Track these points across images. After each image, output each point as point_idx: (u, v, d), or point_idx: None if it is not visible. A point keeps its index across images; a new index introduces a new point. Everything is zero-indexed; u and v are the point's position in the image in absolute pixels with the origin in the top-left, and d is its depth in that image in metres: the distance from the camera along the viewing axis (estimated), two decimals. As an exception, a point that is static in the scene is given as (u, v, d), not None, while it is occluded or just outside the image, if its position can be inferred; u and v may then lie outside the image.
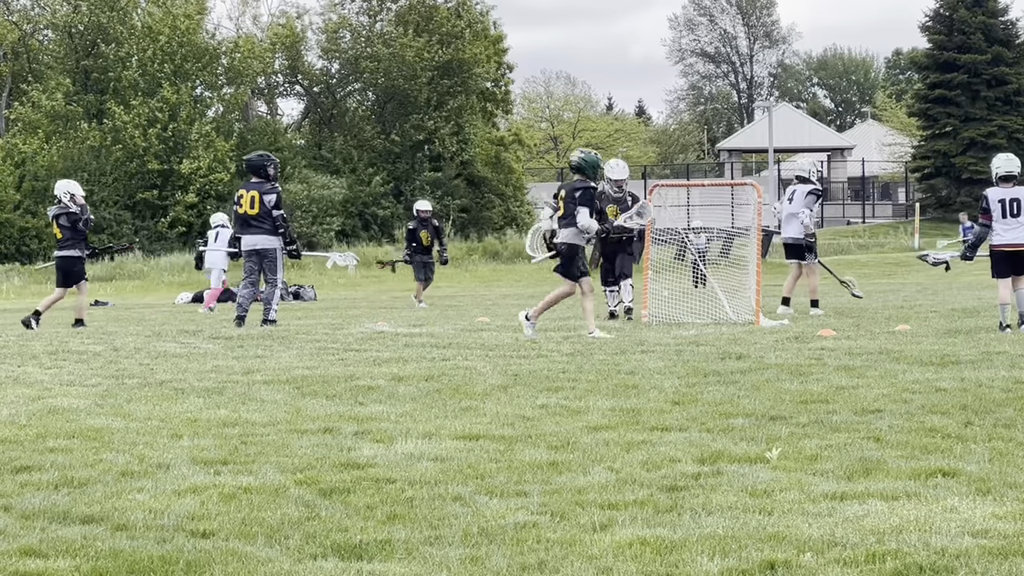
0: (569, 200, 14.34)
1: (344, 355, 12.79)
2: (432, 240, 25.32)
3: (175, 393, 9.92)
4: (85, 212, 18.64)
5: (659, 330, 15.29)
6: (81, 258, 18.71)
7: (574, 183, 14.54)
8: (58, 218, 18.53)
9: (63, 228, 18.49)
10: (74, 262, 18.65)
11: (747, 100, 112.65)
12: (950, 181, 62.83)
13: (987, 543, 5.02)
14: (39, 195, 47.93)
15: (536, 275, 40.99)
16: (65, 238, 18.54)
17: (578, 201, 14.25)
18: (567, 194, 14.44)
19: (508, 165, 58.01)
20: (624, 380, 10.17)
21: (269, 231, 17.32)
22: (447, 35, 55.11)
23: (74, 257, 18.63)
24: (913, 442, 7.20)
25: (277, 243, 17.41)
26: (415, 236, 25.25)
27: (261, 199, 17.29)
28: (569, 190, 14.45)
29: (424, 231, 25.20)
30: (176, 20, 51.32)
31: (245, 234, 17.49)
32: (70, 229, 18.48)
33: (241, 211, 17.43)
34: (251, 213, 17.33)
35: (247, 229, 17.44)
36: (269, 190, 17.35)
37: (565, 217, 14.40)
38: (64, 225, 18.47)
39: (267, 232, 17.34)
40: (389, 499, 6.01)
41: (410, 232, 25.53)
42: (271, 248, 17.37)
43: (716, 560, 4.87)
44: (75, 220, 18.46)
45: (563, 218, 14.45)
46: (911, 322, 15.64)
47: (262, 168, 17.50)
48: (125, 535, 5.41)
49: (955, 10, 63.82)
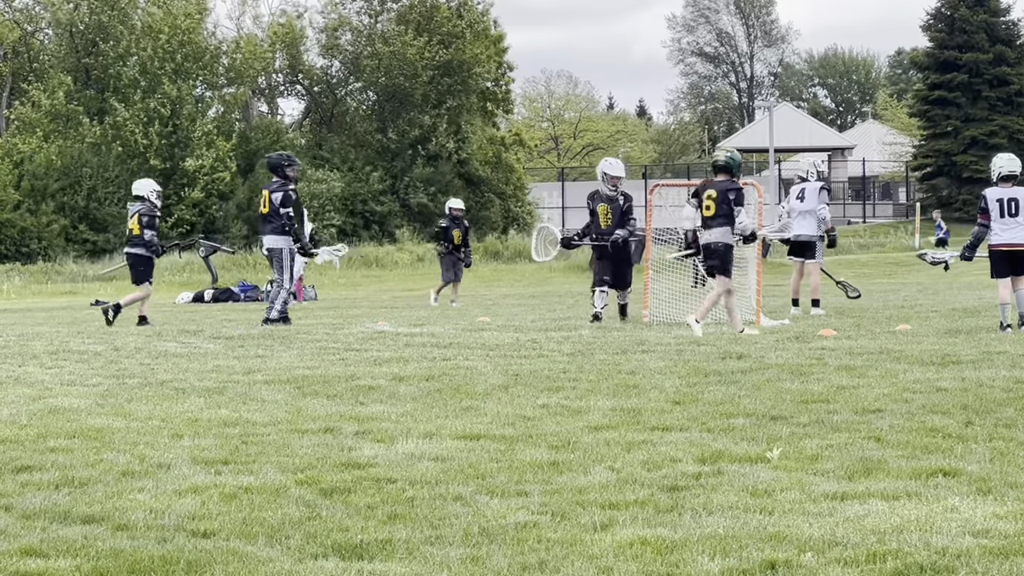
0: (722, 201, 14.49)
1: (345, 355, 12.79)
2: (463, 239, 25.07)
3: (176, 393, 9.92)
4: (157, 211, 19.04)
5: (660, 330, 15.29)
6: (150, 258, 18.98)
7: (725, 183, 14.64)
8: (140, 215, 18.78)
9: (142, 226, 18.74)
10: (143, 260, 18.91)
11: (747, 100, 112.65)
12: (951, 181, 62.80)
13: (988, 543, 5.02)
14: (38, 194, 47.90)
15: (536, 275, 41.02)
16: (140, 235, 18.79)
17: (734, 202, 14.52)
18: (719, 195, 14.52)
19: (509, 165, 57.99)
20: (625, 380, 10.17)
21: (278, 230, 17.53)
22: (448, 35, 55.10)
23: (145, 256, 18.90)
24: (914, 442, 7.20)
25: (284, 243, 17.54)
26: (448, 234, 24.87)
27: (270, 198, 17.52)
28: (721, 191, 14.54)
29: (456, 230, 24.91)
30: (176, 20, 51.31)
31: (262, 233, 18.05)
32: (143, 227, 18.73)
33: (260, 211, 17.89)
34: (263, 212, 17.73)
35: (262, 228, 17.98)
36: (277, 188, 17.55)
37: (717, 217, 14.53)
38: (144, 224, 18.73)
39: (276, 232, 17.56)
40: (390, 499, 6.02)
41: (443, 230, 25.16)
42: (278, 248, 17.55)
43: (717, 560, 4.87)
44: (153, 219, 18.81)
45: (714, 218, 14.56)
46: (912, 322, 15.63)
47: (279, 167, 17.80)
48: (126, 535, 5.42)
49: (956, 9, 63.78)
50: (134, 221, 18.93)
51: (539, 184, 68.28)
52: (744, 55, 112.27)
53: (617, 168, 17.58)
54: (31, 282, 41.04)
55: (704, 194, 14.69)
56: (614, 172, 17.44)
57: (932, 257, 17.59)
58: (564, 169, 75.38)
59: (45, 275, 42.60)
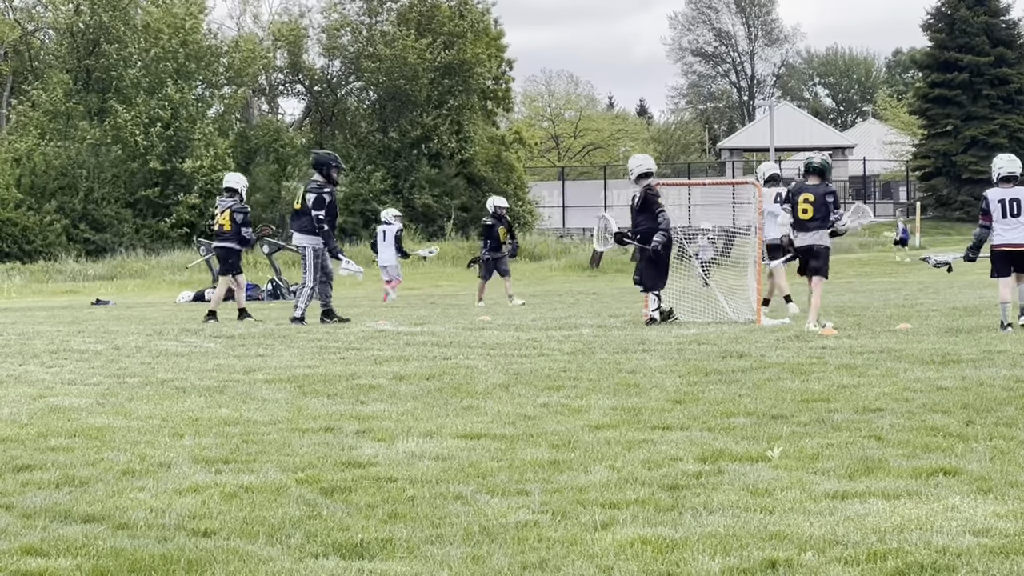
0: (820, 204, 14.97)
1: (345, 354, 12.79)
2: (508, 236, 24.87)
3: (176, 392, 9.92)
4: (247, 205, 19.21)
5: (660, 329, 15.29)
6: (239, 251, 19.10)
7: (822, 187, 15.11)
8: (233, 212, 18.86)
9: (233, 221, 18.84)
10: (232, 253, 19.00)
11: (748, 99, 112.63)
12: (951, 180, 62.81)
13: (988, 542, 5.02)
14: (38, 193, 47.88)
15: (537, 274, 41.06)
16: (231, 230, 18.86)
17: (831, 205, 15.04)
18: (817, 198, 14.99)
19: (509, 164, 57.98)
20: (625, 379, 10.17)
21: (306, 229, 17.56)
22: (449, 35, 55.09)
23: (235, 249, 19.00)
24: (914, 441, 7.20)
25: (310, 242, 17.56)
26: (493, 232, 24.53)
27: (305, 196, 17.61)
28: (819, 195, 15.01)
29: (501, 227, 24.67)
30: (176, 19, 51.31)
31: (292, 229, 18.05)
32: (238, 223, 18.82)
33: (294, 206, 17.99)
34: (295, 208, 17.83)
35: (292, 224, 18.03)
36: (313, 189, 17.58)
37: (815, 219, 14.99)
38: (235, 219, 18.83)
39: (303, 230, 17.59)
40: (390, 498, 6.02)
41: (487, 228, 24.82)
42: (303, 246, 17.61)
43: (717, 559, 4.87)
44: (247, 214, 18.94)
45: (812, 220, 15.00)
46: (912, 321, 15.63)
47: (325, 166, 17.74)
48: (126, 534, 5.42)
49: (956, 9, 63.75)
50: (225, 216, 18.94)
51: (539, 183, 68.25)
52: (744, 54, 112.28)
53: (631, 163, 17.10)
54: (32, 281, 41.03)
55: (800, 198, 15.11)
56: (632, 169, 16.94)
57: (935, 260, 17.62)
58: (564, 168, 75.37)
59: (46, 274, 42.57)
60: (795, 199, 15.20)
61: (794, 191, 15.34)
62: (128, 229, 48.60)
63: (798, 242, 15.21)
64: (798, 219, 15.11)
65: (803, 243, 15.15)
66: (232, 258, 19.00)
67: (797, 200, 15.14)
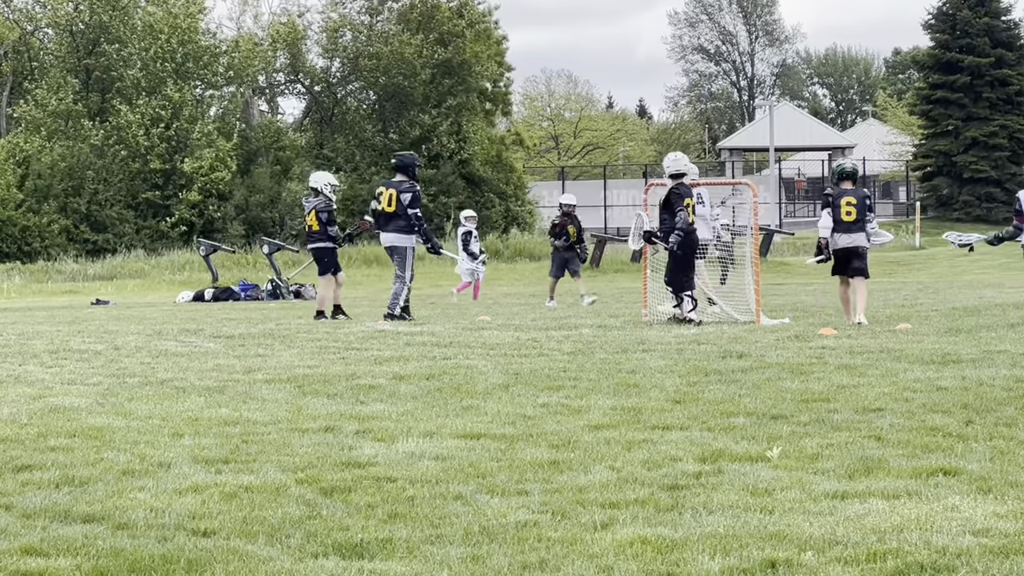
0: (862, 207, 15.75)
1: (345, 354, 12.79)
2: (578, 235, 24.38)
3: (176, 392, 9.92)
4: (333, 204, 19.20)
5: (660, 329, 15.29)
6: (334, 249, 19.08)
7: (860, 191, 15.98)
8: (318, 211, 18.87)
9: (319, 220, 18.85)
10: (327, 252, 19.01)
11: (748, 99, 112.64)
12: (951, 180, 62.81)
13: (988, 542, 5.02)
14: (41, 194, 47.88)
15: (536, 274, 41.00)
16: (320, 230, 18.87)
17: (869, 208, 15.96)
18: (859, 201, 15.73)
19: (509, 164, 57.96)
20: (625, 379, 10.17)
21: (403, 229, 17.63)
22: (448, 34, 55.10)
23: (328, 248, 19.00)
24: (914, 441, 7.21)
25: (409, 241, 17.70)
26: (565, 230, 23.74)
27: (398, 197, 17.60)
28: (860, 198, 15.81)
29: (571, 225, 24.18)
30: (176, 19, 51.30)
31: (382, 231, 18.00)
32: (326, 222, 18.85)
33: (379, 208, 17.89)
34: (388, 210, 17.73)
35: (384, 226, 17.91)
36: (407, 188, 17.65)
37: (858, 221, 15.70)
38: (320, 218, 18.84)
39: (400, 230, 17.65)
40: (390, 498, 6.02)
41: (557, 226, 24.10)
42: (403, 246, 17.69)
43: (717, 559, 4.87)
44: (332, 213, 18.97)
45: (856, 222, 15.68)
46: (912, 321, 15.64)
47: (411, 167, 17.90)
48: (126, 534, 5.42)
49: (959, 10, 63.75)
50: (312, 217, 18.95)
51: (539, 183, 68.19)
52: (745, 54, 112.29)
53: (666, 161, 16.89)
54: (31, 281, 41.02)
55: (843, 201, 15.73)
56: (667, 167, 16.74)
57: (959, 239, 18.02)
58: (564, 168, 75.33)
59: (46, 274, 42.57)
60: (837, 203, 15.77)
61: (835, 195, 15.90)
62: (129, 230, 48.60)
63: (842, 243, 15.74)
64: (842, 222, 15.71)
65: (848, 244, 15.74)
66: (328, 257, 18.97)
67: (840, 203, 15.74)
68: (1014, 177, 60.83)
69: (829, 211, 15.85)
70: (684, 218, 16.10)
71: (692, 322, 15.96)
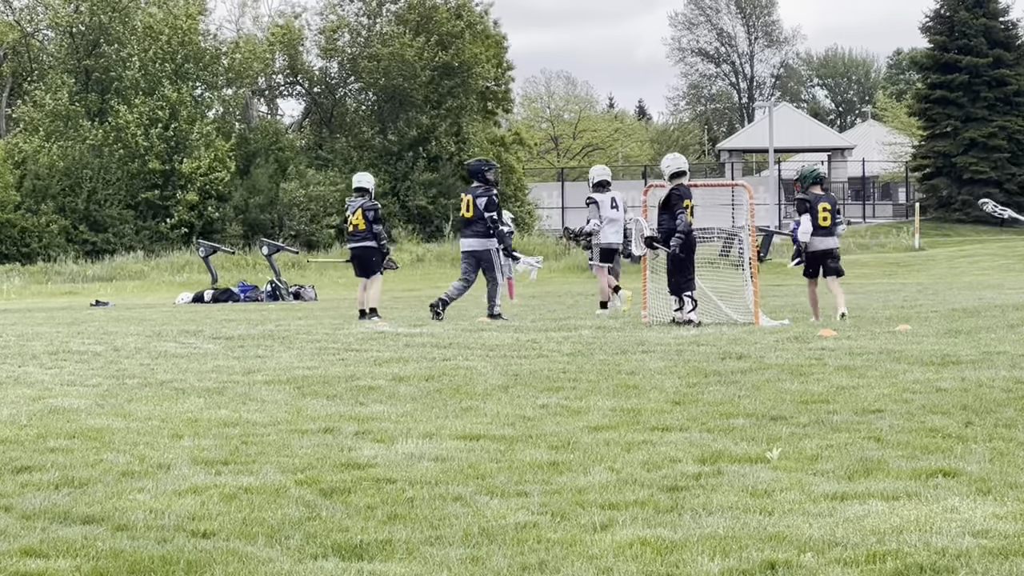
0: (834, 211, 16.91)
1: (345, 355, 12.79)
2: None
3: (176, 393, 9.92)
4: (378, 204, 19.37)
5: (660, 330, 15.28)
6: (378, 249, 19.15)
7: (830, 196, 17.22)
8: (365, 210, 19.00)
9: (365, 219, 18.96)
10: (372, 252, 19.10)
11: (748, 100, 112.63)
12: (951, 181, 62.78)
13: (988, 543, 5.02)
14: (39, 194, 47.87)
15: (536, 274, 40.96)
16: (365, 229, 18.98)
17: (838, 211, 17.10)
18: (832, 205, 16.87)
19: (509, 165, 57.97)
20: (625, 380, 10.17)
21: (482, 233, 17.92)
22: (447, 35, 55.09)
23: (372, 248, 19.09)
24: (914, 442, 7.21)
25: (491, 244, 17.96)
26: None
27: (475, 202, 17.86)
28: (832, 202, 16.97)
29: None
30: (176, 20, 51.31)
31: (463, 236, 18.37)
32: (371, 222, 18.96)
33: (459, 214, 18.25)
34: (467, 216, 18.06)
35: (464, 231, 18.29)
36: (482, 193, 17.92)
37: (834, 224, 16.86)
38: (366, 216, 18.96)
39: (480, 235, 17.95)
40: (390, 499, 6.02)
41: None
42: (484, 250, 17.97)
43: (717, 560, 4.87)
44: (378, 212, 19.11)
45: (833, 225, 16.82)
46: (912, 322, 15.64)
47: (480, 173, 18.16)
48: (126, 535, 5.42)
49: (956, 11, 63.74)
50: (358, 216, 19.03)
51: (539, 184, 68.20)
52: (744, 55, 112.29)
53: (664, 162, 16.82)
54: (31, 282, 41.04)
55: (820, 206, 16.74)
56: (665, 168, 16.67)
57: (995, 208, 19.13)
58: (564, 169, 75.33)
59: (45, 275, 42.59)
60: (814, 208, 16.65)
61: (812, 201, 16.70)
62: (128, 230, 48.59)
63: (821, 246, 16.74)
64: (820, 226, 16.65)
65: (826, 246, 16.81)
66: (376, 256, 19.07)
67: (817, 209, 16.67)
68: (1014, 178, 60.81)
69: (808, 216, 16.66)
70: (684, 220, 16.10)
71: (692, 323, 15.95)
